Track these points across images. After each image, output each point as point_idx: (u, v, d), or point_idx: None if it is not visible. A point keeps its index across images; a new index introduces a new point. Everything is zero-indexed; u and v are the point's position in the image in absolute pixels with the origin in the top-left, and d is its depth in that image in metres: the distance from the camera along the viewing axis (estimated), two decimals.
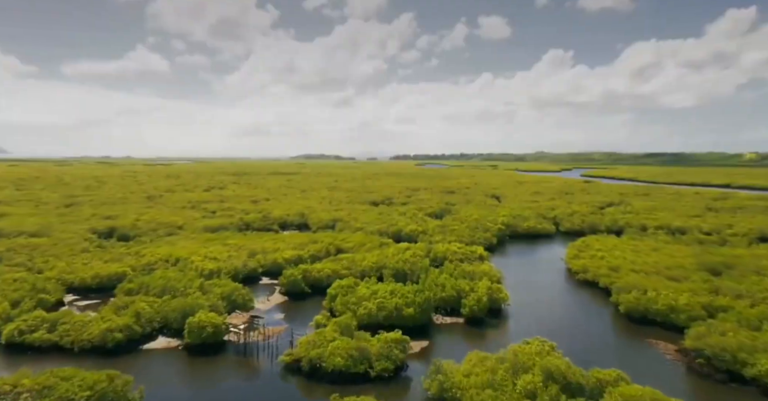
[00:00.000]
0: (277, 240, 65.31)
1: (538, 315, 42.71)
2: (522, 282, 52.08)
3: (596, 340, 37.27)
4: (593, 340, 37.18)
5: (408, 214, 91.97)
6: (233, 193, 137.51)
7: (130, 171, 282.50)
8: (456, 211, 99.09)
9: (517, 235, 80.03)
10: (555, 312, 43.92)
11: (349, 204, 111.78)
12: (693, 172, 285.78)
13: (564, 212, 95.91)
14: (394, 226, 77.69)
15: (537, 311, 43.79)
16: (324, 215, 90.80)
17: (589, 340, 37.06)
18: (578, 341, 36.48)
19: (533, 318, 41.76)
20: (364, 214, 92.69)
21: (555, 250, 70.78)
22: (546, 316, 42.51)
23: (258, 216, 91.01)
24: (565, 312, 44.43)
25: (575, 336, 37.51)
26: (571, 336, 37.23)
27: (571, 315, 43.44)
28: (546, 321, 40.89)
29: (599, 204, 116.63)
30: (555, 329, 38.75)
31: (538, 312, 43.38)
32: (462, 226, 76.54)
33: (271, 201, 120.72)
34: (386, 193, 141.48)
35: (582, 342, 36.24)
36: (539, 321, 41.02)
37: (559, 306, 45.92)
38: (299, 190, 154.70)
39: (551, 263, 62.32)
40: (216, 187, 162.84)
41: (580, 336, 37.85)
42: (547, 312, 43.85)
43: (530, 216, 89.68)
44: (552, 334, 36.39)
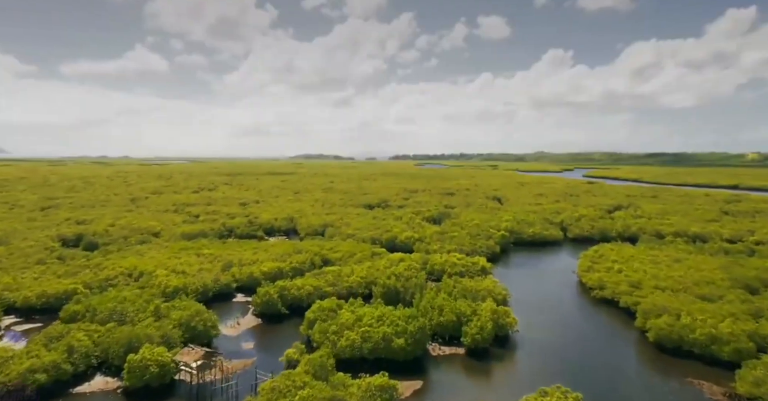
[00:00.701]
0: (258, 250, 59.05)
1: (551, 345, 36.27)
2: (530, 301, 45.90)
3: (626, 381, 30.72)
4: (622, 381, 30.66)
5: (404, 219, 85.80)
6: (222, 195, 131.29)
7: (122, 171, 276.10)
8: (456, 215, 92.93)
9: (521, 242, 73.80)
10: (571, 341, 37.30)
11: (343, 208, 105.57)
12: (698, 173, 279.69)
13: (571, 216, 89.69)
14: (389, 233, 71.50)
15: (550, 339, 37.34)
16: (314, 220, 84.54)
17: (616, 381, 30.57)
18: (603, 382, 30.18)
19: (547, 349, 35.39)
20: (357, 219, 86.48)
21: (565, 260, 64.59)
22: (561, 347, 36.01)
23: (243, 220, 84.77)
24: (583, 340, 37.83)
25: (598, 375, 31.22)
26: (593, 375, 31.01)
27: (591, 345, 36.85)
28: (562, 354, 34.51)
29: (606, 207, 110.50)
30: (573, 365, 32.51)
31: (551, 341, 36.91)
32: (462, 233, 70.33)
33: (261, 203, 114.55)
34: (383, 195, 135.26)
35: (608, 384, 29.89)
36: (554, 353, 34.70)
37: (575, 333, 39.31)
38: (292, 191, 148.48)
39: (562, 275, 56.15)
40: (206, 188, 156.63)
41: (604, 374, 31.46)
42: (562, 340, 37.37)
43: (535, 221, 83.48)
44: (571, 372, 30.25)
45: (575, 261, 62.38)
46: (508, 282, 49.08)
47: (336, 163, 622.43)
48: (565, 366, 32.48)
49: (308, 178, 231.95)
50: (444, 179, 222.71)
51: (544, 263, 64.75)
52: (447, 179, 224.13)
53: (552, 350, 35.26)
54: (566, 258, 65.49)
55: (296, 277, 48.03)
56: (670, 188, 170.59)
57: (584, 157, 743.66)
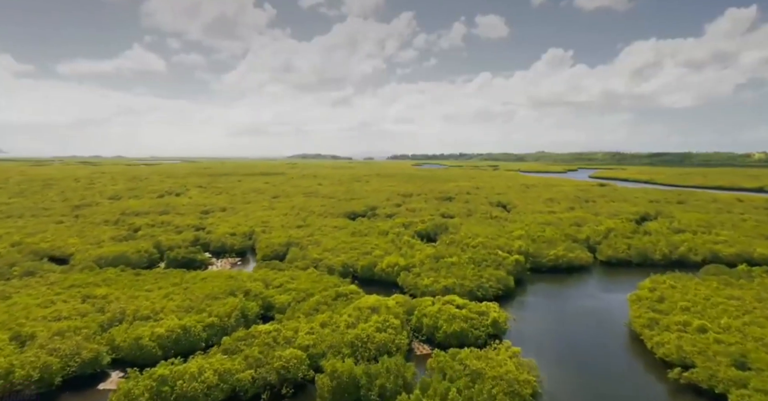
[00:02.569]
0: (177, 288, 42.14)
1: None
2: (570, 383, 29.21)
3: None
4: None
5: (391, 234, 68.89)
6: (188, 201, 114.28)
7: (100, 172, 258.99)
8: (455, 228, 76.11)
9: (540, 268, 56.99)
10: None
11: (321, 218, 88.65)
12: (712, 174, 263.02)
13: (596, 230, 72.80)
14: (367, 257, 54.69)
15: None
16: (278, 236, 67.60)
17: None
18: None
19: None
20: (332, 234, 69.60)
21: (603, 299, 47.57)
22: None
23: (189, 237, 67.78)
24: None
25: None
26: None
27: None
28: None
29: (631, 215, 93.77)
30: None
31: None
32: (464, 257, 53.46)
33: (227, 211, 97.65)
34: (372, 201, 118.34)
35: None
36: None
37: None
38: (271, 195, 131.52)
39: (605, 327, 39.43)
40: (175, 192, 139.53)
41: None
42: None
43: (554, 237, 66.57)
44: None
45: (617, 297, 45.75)
46: (530, 341, 32.41)
47: (331, 163, 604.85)
48: None
49: (296, 179, 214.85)
50: (442, 181, 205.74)
51: (574, 301, 47.67)
52: (445, 181, 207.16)
53: None
54: (605, 297, 48.55)
55: (212, 339, 31.39)
56: (693, 191, 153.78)
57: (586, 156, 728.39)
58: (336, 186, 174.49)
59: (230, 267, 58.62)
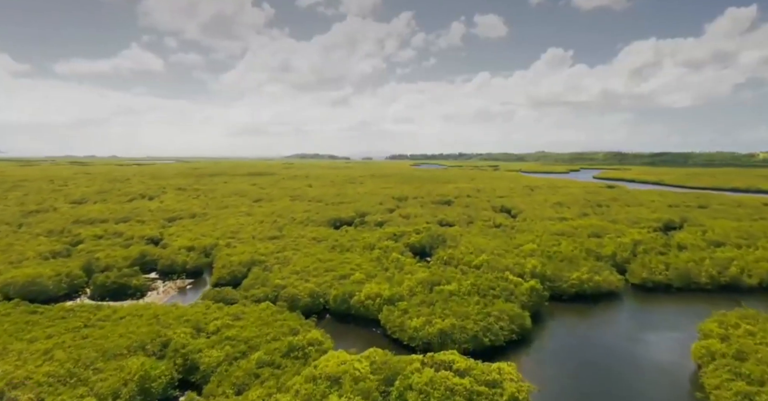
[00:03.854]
0: (70, 337, 30.92)
1: None
2: None
3: None
4: None
5: (377, 250, 57.56)
6: (158, 206, 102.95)
7: (82, 172, 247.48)
8: (454, 240, 64.93)
9: (560, 295, 45.77)
10: None
11: (300, 226, 77.35)
12: (723, 174, 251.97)
13: (620, 243, 61.57)
14: (344, 283, 43.55)
15: None
16: (242, 252, 56.29)
17: None
18: None
19: None
20: (307, 249, 58.30)
21: (649, 343, 36.19)
22: None
23: (136, 252, 56.49)
24: None
25: None
26: None
27: None
28: None
29: (654, 222, 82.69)
30: None
31: None
32: (465, 284, 42.23)
33: (196, 218, 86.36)
34: (363, 205, 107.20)
35: None
36: None
37: None
38: (253, 199, 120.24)
39: (663, 391, 28.41)
40: (149, 195, 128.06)
41: None
42: None
43: (573, 254, 55.29)
44: None
45: (667, 340, 34.65)
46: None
47: (327, 163, 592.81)
48: None
49: (286, 180, 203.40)
50: (441, 182, 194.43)
51: (611, 346, 36.07)
52: (444, 182, 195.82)
53: None
54: (650, 337, 37.27)
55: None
56: (710, 194, 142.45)
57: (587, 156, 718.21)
58: (327, 187, 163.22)
59: (175, 293, 47.42)
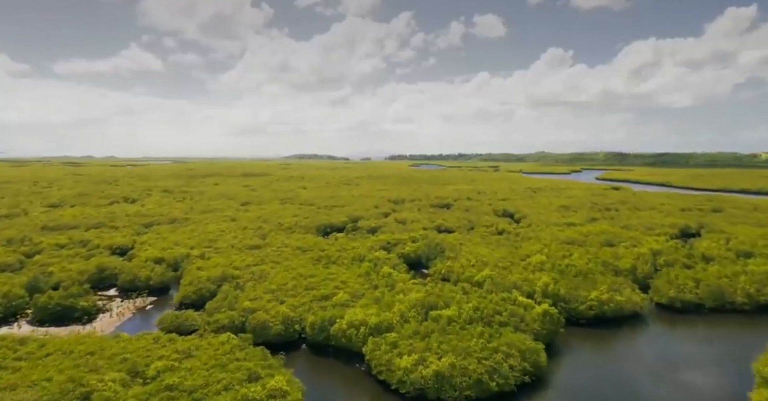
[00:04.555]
0: None
1: None
2: None
3: None
4: None
5: (366, 263, 51.12)
6: (137, 210, 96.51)
7: (72, 173, 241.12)
8: (453, 249, 58.56)
9: (577, 319, 39.47)
10: None
11: (286, 233, 71.01)
12: (730, 176, 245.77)
13: (638, 254, 55.20)
14: (325, 304, 37.27)
15: None
16: (216, 264, 49.92)
17: None
18: None
19: None
20: (288, 262, 51.89)
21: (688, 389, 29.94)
22: None
23: (93, 266, 49.99)
24: None
25: None
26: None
27: None
28: None
29: (669, 228, 76.54)
30: None
31: None
32: (466, 308, 35.85)
33: (175, 223, 79.95)
34: (356, 209, 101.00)
35: None
36: None
37: None
38: (241, 202, 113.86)
39: None
40: (132, 198, 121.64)
41: None
42: None
43: (588, 268, 48.82)
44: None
45: (714, 378, 28.38)
46: None
47: (326, 164, 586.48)
48: None
49: (280, 181, 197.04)
50: (440, 183, 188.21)
51: (639, 387, 29.79)
52: (443, 183, 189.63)
53: None
54: (692, 379, 30.96)
55: None
56: (721, 196, 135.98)
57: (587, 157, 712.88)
58: (321, 189, 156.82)
59: (131, 315, 41.10)
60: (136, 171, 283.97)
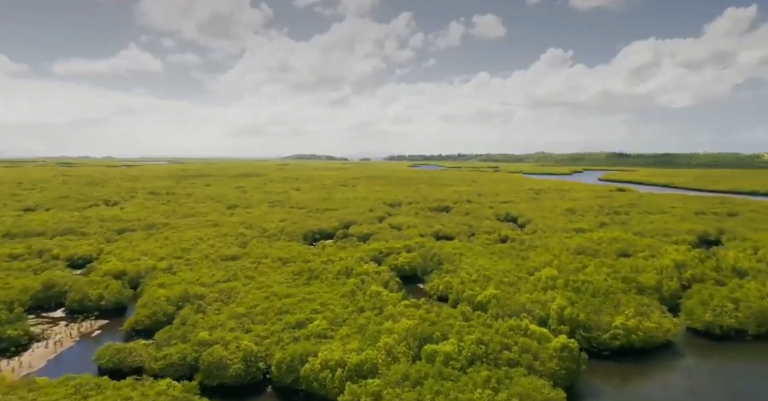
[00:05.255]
0: None
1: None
2: None
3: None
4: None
5: (353, 279, 44.82)
6: (114, 214, 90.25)
7: (62, 174, 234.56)
8: (451, 261, 52.33)
9: (599, 350, 33.36)
10: None
11: (269, 241, 64.77)
12: (736, 176, 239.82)
13: (659, 266, 49.03)
14: (298, 334, 31.17)
15: None
16: (181, 281, 43.72)
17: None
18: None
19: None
20: (264, 278, 45.58)
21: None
22: None
23: (38, 283, 43.76)
24: None
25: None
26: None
27: None
28: None
29: (687, 235, 70.38)
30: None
31: None
32: (468, 340, 29.62)
33: (151, 229, 73.61)
34: (350, 212, 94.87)
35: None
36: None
37: None
38: (228, 205, 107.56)
39: None
40: (113, 200, 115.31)
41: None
42: None
43: (608, 286, 42.54)
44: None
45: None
46: None
47: (323, 164, 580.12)
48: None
49: (274, 182, 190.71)
50: (439, 185, 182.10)
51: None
52: (442, 184, 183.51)
53: None
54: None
55: None
56: (733, 198, 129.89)
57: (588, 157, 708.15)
58: (315, 191, 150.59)
59: (73, 344, 34.87)
60: (129, 171, 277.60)
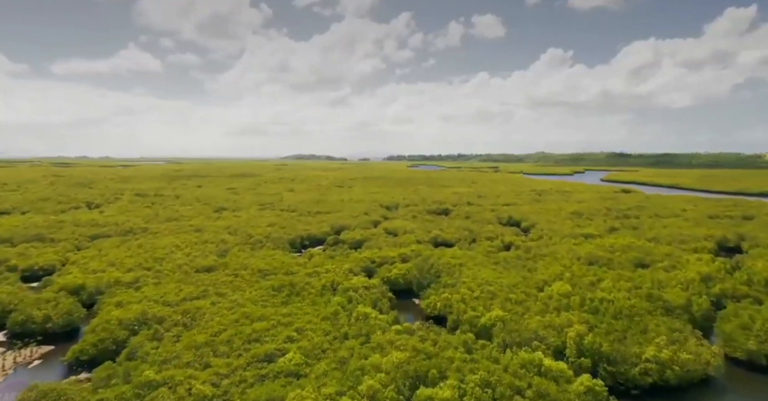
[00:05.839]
0: None
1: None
2: None
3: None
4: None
5: (338, 297, 39.52)
6: (94, 218, 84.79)
7: (51, 174, 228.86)
8: (451, 272, 47.02)
9: (626, 388, 28.10)
10: None
11: (251, 249, 59.38)
12: (742, 177, 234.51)
13: (684, 279, 43.81)
14: (265, 370, 25.87)
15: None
16: (141, 299, 38.40)
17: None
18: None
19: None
20: (238, 295, 40.21)
21: None
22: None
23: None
24: None
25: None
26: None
27: None
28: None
29: (705, 241, 65.06)
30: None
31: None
32: (471, 381, 24.48)
33: (128, 236, 68.29)
34: (343, 216, 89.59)
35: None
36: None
37: None
38: (215, 207, 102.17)
39: None
40: (96, 203, 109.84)
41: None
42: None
43: (631, 306, 37.27)
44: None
45: None
46: None
47: (321, 164, 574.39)
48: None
49: (268, 183, 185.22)
50: (438, 186, 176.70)
51: None
52: (442, 186, 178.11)
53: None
54: None
55: None
56: (747, 200, 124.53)
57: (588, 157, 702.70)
58: (309, 192, 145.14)
59: (3, 377, 29.50)
60: (122, 172, 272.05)
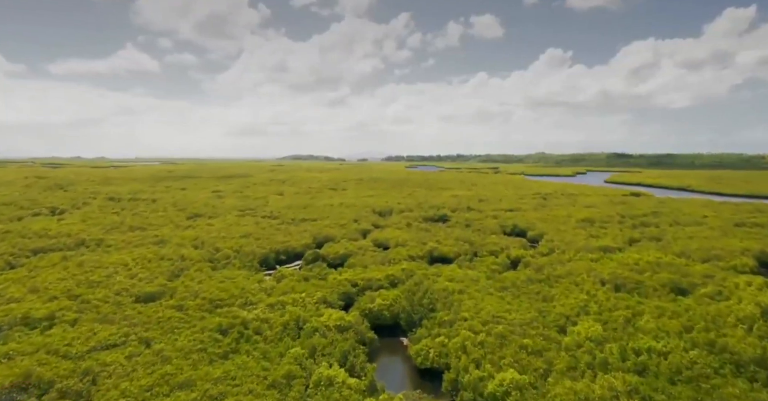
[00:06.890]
0: None
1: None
2: None
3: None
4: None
5: (300, 347, 30.34)
6: (49, 227, 75.54)
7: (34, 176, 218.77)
8: (448, 302, 37.90)
9: None
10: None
11: (210, 269, 50.14)
12: (752, 179, 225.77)
13: (742, 314, 34.80)
14: None
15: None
16: (39, 348, 29.35)
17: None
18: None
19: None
20: (161, 346, 31.04)
21: None
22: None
23: None
24: None
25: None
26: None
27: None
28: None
29: (744, 256, 56.03)
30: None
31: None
32: None
33: (73, 251, 58.98)
34: (329, 225, 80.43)
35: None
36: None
37: None
38: (190, 213, 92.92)
39: None
40: (61, 209, 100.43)
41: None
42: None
43: (689, 359, 28.34)
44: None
45: None
46: None
47: (317, 165, 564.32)
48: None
49: (257, 185, 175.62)
50: (436, 188, 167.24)
51: None
52: (440, 188, 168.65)
53: None
54: None
55: None
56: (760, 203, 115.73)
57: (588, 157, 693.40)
58: (298, 196, 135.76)
59: None
60: (107, 173, 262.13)
